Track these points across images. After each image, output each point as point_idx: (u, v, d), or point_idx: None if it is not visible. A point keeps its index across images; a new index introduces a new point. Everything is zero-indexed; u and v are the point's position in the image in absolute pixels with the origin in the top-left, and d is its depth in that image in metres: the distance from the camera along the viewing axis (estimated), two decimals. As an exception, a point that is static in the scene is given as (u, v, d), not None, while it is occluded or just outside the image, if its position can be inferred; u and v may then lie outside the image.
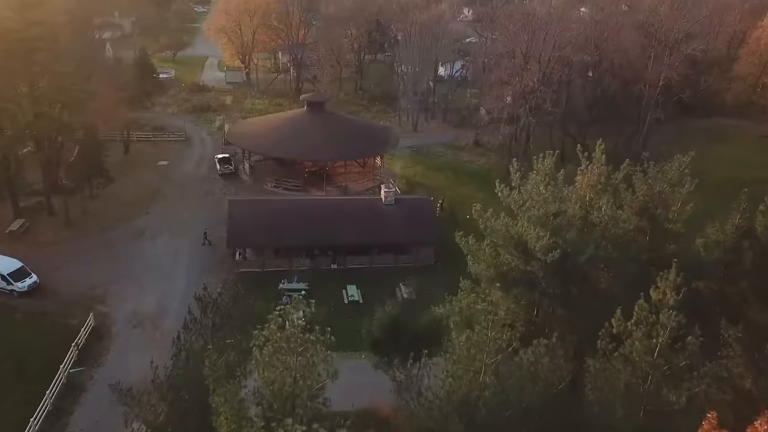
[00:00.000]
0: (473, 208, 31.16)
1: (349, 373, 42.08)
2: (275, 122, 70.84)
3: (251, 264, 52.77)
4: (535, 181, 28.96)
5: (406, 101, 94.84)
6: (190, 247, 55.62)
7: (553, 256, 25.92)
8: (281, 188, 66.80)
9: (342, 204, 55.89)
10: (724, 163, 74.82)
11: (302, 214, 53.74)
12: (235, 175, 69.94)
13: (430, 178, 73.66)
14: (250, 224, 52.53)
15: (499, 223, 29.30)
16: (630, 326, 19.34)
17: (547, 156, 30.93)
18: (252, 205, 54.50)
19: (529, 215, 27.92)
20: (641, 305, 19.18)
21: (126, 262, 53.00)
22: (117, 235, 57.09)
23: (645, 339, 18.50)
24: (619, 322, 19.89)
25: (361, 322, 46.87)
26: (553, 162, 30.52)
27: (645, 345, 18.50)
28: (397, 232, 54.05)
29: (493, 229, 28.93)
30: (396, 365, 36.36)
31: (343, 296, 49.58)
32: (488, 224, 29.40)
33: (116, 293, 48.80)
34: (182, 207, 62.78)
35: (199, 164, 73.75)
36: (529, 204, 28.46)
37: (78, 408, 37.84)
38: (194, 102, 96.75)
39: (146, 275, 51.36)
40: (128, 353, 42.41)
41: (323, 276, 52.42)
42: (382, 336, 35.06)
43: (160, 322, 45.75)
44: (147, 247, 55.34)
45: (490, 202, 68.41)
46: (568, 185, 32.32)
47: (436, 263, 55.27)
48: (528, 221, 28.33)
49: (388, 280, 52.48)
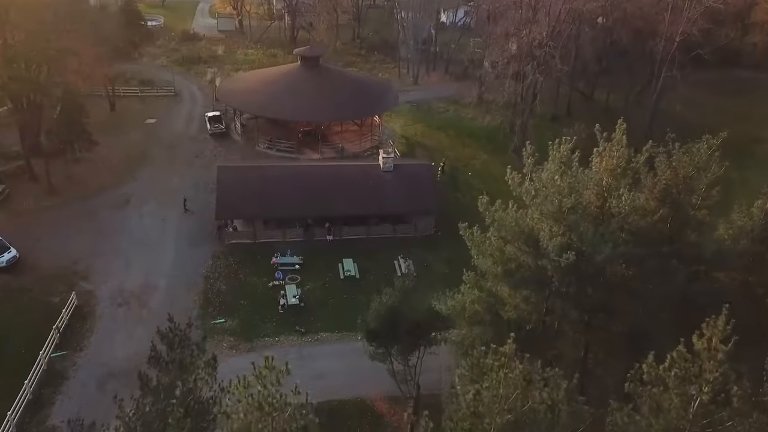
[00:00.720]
0: (479, 200, 28.23)
1: (343, 357, 40.44)
2: (267, 79, 66.91)
3: (242, 235, 50.15)
4: (550, 171, 25.99)
5: (406, 51, 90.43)
6: (178, 217, 52.89)
7: (567, 258, 23.27)
8: (274, 149, 63.58)
9: (338, 171, 52.83)
10: (742, 121, 71.30)
11: (296, 182, 50.79)
12: (226, 135, 66.58)
13: (431, 137, 70.27)
14: (240, 194, 49.63)
15: (508, 216, 26.47)
16: (663, 372, 16.89)
17: (563, 142, 27.85)
18: (242, 173, 51.47)
19: (542, 209, 25.11)
20: (680, 353, 16.65)
21: (111, 233, 50.38)
22: (102, 203, 54.26)
23: (682, 393, 16.04)
24: (651, 367, 17.40)
25: (357, 299, 44.74)
26: (569, 148, 27.46)
27: (682, 398, 16.05)
28: (395, 202, 51.23)
29: (501, 223, 26.13)
30: (394, 355, 34.39)
31: (339, 271, 47.17)
32: (495, 217, 26.55)
33: (100, 268, 46.37)
34: (170, 171, 59.71)
35: (188, 122, 70.21)
36: (542, 196, 25.58)
37: (60, 397, 35.89)
38: (184, 52, 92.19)
39: (132, 248, 48.82)
40: (113, 335, 40.36)
41: (318, 248, 49.92)
42: (378, 327, 32.80)
43: (146, 299, 43.52)
44: (133, 217, 52.60)
45: (492, 165, 66.30)
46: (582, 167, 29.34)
47: (437, 233, 52.71)
48: (540, 215, 25.54)
49: (386, 252, 50.03)
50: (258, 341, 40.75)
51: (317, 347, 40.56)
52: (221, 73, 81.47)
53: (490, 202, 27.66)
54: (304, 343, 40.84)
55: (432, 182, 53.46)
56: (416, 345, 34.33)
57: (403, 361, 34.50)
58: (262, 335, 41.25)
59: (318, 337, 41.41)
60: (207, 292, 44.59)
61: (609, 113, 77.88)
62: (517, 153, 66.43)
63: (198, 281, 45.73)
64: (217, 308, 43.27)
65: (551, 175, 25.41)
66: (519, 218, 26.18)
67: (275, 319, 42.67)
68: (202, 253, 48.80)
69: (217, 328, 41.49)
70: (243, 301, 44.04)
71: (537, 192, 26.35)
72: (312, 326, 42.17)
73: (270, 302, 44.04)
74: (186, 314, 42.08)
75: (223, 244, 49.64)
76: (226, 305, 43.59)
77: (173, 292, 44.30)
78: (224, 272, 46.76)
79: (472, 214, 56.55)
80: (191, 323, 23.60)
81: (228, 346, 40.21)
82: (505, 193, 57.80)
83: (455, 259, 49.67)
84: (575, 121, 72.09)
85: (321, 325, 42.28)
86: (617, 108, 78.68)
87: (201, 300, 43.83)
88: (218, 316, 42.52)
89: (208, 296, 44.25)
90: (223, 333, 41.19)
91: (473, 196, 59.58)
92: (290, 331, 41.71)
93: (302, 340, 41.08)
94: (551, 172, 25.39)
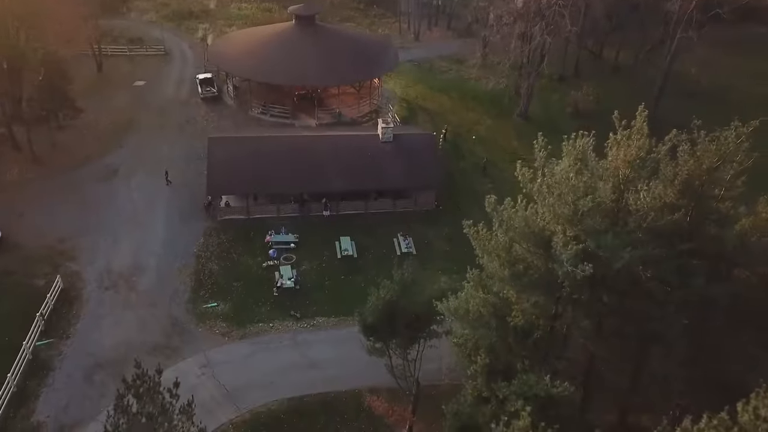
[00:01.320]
0: (487, 199, 25.92)
1: (339, 344, 38.77)
2: (260, 39, 63.42)
3: (235, 211, 47.99)
4: (564, 168, 23.65)
5: (406, 4, 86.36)
6: (169, 190, 50.62)
7: (584, 271, 21.20)
8: (268, 115, 60.77)
9: (334, 143, 50.18)
10: (762, 82, 68.34)
11: (290, 155, 48.29)
12: (218, 99, 63.62)
13: (433, 100, 67.23)
14: (232, 168, 47.22)
15: (517, 215, 24.25)
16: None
17: (579, 136, 25.40)
18: (234, 145, 48.86)
19: (555, 210, 22.91)
20: (722, 420, 14.62)
21: (98, 207, 48.24)
22: (88, 174, 51.92)
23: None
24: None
25: (355, 280, 43.00)
26: (586, 143, 25.06)
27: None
28: (395, 176, 48.82)
29: (509, 223, 23.92)
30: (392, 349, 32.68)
31: (336, 249, 45.21)
32: (504, 217, 24.33)
33: (87, 246, 44.40)
34: (160, 139, 57.11)
35: (179, 85, 67.07)
36: (556, 194, 23.32)
37: (45, 390, 34.42)
38: (174, 7, 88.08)
39: (120, 224, 46.77)
40: (100, 322, 38.70)
41: (314, 225, 47.83)
42: (376, 321, 31.00)
43: (135, 282, 41.73)
44: (121, 190, 50.32)
45: (497, 131, 63.50)
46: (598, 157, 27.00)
47: (438, 207, 50.56)
48: (553, 215, 23.35)
49: (385, 228, 48.00)
50: (251, 327, 39.10)
51: (313, 333, 38.94)
52: (213, 30, 77.71)
53: (498, 201, 25.30)
54: (299, 329, 39.19)
55: (434, 154, 50.94)
56: (416, 338, 32.63)
57: (402, 355, 32.81)
58: (256, 320, 39.56)
59: (314, 323, 39.74)
60: (199, 273, 42.74)
61: (618, 73, 74.93)
62: (522, 117, 63.74)
63: (189, 261, 43.83)
64: (209, 291, 41.48)
65: (566, 173, 23.06)
66: (529, 218, 23.98)
67: (269, 302, 40.94)
68: (193, 229, 46.77)
69: (209, 313, 39.80)
70: (236, 282, 42.21)
71: (550, 189, 24.03)
72: (307, 311, 40.46)
73: (264, 284, 42.24)
74: (176, 298, 40.67)
75: (216, 221, 47.55)
76: (218, 287, 41.79)
77: (163, 273, 42.47)
78: (216, 251, 44.81)
79: (475, 185, 55.02)
80: (160, 369, 21.46)
81: (220, 333, 38.59)
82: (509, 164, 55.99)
83: (457, 235, 47.58)
84: (583, 81, 69.17)
85: (317, 310, 40.57)
86: (627, 67, 75.54)
87: (192, 282, 42.01)
88: (210, 300, 40.79)
89: (200, 277, 42.42)
90: (215, 318, 39.50)
91: (477, 166, 57.45)
92: (285, 315, 40.03)
93: (297, 326, 39.41)
94: (565, 169, 23.02)
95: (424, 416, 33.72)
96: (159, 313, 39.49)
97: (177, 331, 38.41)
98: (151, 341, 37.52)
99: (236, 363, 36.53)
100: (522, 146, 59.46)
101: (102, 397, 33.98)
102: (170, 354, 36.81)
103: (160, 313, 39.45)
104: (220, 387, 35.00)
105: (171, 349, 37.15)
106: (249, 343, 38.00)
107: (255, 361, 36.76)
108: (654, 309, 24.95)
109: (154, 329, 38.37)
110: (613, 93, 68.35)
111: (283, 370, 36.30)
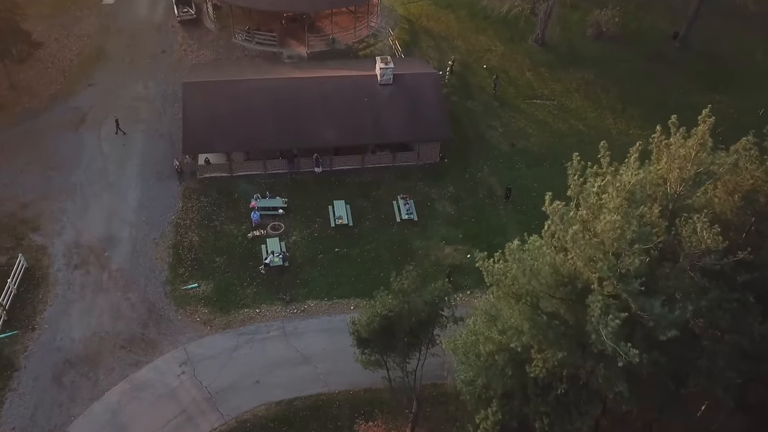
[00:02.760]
0: (507, 246, 21.02)
1: (333, 335, 35.04)
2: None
3: (216, 168, 43.05)
4: (608, 209, 18.67)
5: None
6: (144, 140, 45.41)
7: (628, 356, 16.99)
8: (253, 42, 54.04)
9: (326, 86, 44.12)
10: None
11: (277, 103, 42.66)
12: (197, 23, 56.51)
13: (439, 20, 59.79)
14: (210, 120, 41.79)
15: (543, 258, 19.63)
16: None
17: (631, 153, 20.24)
18: (213, 91, 43.00)
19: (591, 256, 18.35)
20: None
21: (65, 163, 43.33)
22: (53, 121, 46.47)
23: None
24: None
25: (350, 254, 38.96)
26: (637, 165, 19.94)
27: None
28: (395, 127, 43.35)
29: (534, 271, 19.32)
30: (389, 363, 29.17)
31: (329, 215, 40.75)
32: (527, 263, 19.64)
33: (53, 213, 40.01)
34: (133, 74, 50.96)
35: (153, 4, 59.47)
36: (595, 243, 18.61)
37: (10, 395, 31.29)
38: None
39: (90, 184, 42.08)
40: (69, 309, 35.06)
41: (305, 185, 43.04)
42: (372, 337, 27.29)
43: (107, 259, 37.67)
44: (90, 141, 45.06)
45: (511, 60, 56.59)
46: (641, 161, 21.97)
47: (443, 159, 45.45)
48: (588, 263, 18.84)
49: (383, 188, 43.31)
50: (236, 313, 35.49)
51: (303, 321, 35.34)
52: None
53: (518, 248, 20.42)
54: (289, 316, 35.56)
55: (439, 99, 45.07)
56: (416, 345, 29.05)
57: (401, 365, 29.33)
58: (241, 305, 35.89)
59: (305, 307, 36.04)
60: (177, 246, 38.61)
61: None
62: (539, 43, 56.88)
63: (167, 230, 39.57)
64: (189, 269, 37.53)
65: (611, 224, 18.08)
66: (559, 264, 19.40)
67: (256, 281, 37.08)
68: (170, 190, 42.12)
69: (189, 297, 36.08)
70: (219, 257, 38.16)
71: (585, 227, 19.28)
72: (298, 292, 36.67)
73: (249, 259, 38.22)
74: (153, 278, 36.86)
75: (195, 180, 42.77)
76: (199, 264, 37.80)
77: (138, 248, 38.37)
78: (197, 218, 40.40)
79: (485, 131, 49.41)
80: None
81: (201, 321, 35.04)
82: (523, 101, 50.06)
83: (462, 194, 43.24)
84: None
85: (308, 291, 36.74)
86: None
87: (171, 257, 37.97)
88: (190, 280, 36.94)
89: (179, 251, 38.33)
90: (196, 303, 35.82)
91: (487, 105, 51.58)
92: (273, 298, 36.32)
93: (286, 311, 35.77)
94: (611, 221, 18.06)
95: (425, 423, 30.88)
96: (134, 297, 35.77)
97: (154, 319, 34.84)
98: (126, 332, 34.07)
99: (219, 359, 33.24)
100: (537, 79, 53.41)
101: (72, 402, 31.07)
102: (146, 348, 33.51)
103: (135, 297, 35.74)
104: (202, 389, 31.91)
105: (147, 342, 33.77)
106: (233, 333, 34.53)
107: (240, 356, 33.44)
108: (699, 362, 21.02)
109: (128, 317, 34.81)
110: (643, 12, 60.99)
111: (270, 367, 33.07)
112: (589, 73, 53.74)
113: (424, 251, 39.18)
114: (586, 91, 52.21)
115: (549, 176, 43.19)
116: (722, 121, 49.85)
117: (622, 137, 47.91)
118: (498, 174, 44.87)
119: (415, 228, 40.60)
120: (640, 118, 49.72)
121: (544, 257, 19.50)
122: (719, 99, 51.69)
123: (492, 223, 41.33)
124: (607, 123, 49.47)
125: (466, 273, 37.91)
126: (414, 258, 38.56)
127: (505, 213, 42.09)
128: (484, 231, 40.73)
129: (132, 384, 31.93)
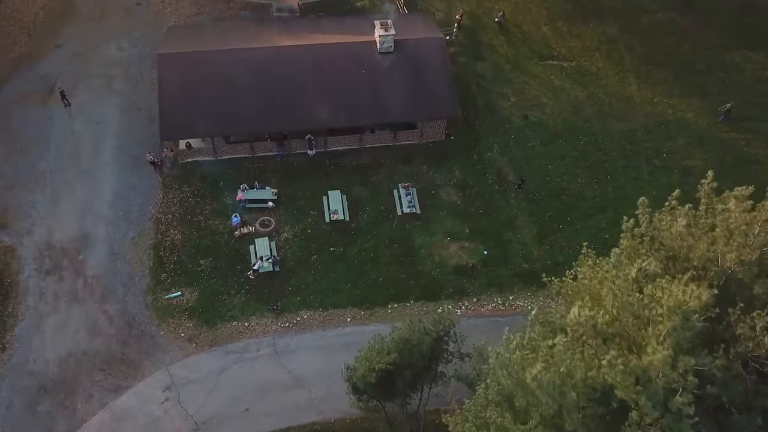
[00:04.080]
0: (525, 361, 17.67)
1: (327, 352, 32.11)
2: None
3: (199, 152, 39.10)
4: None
5: None
6: (119, 116, 41.12)
7: None
8: (240, -8, 48.39)
9: (319, 56, 39.26)
10: None
11: (264, 78, 38.07)
12: (175, -33, 50.47)
13: (445, -38, 53.39)
14: (190, 99, 37.44)
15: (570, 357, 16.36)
16: None
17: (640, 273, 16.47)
18: (193, 64, 38.30)
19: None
20: None
21: (32, 146, 39.33)
22: (18, 93, 41.95)
23: None
24: None
25: (347, 254, 35.80)
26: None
27: None
28: (397, 103, 38.86)
29: (561, 390, 16.14)
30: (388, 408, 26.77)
31: (324, 208, 37.20)
32: (546, 380, 16.40)
33: (21, 208, 36.57)
34: (105, 32, 45.77)
35: (125, -57, 53.05)
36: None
37: (-19, 427, 29.34)
38: None
39: (60, 171, 38.32)
40: (42, 323, 32.43)
41: (296, 169, 39.18)
42: (369, 388, 24.70)
43: (82, 263, 34.57)
44: (60, 118, 40.75)
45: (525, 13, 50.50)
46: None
47: (449, 136, 41.29)
48: (625, 375, 15.73)
49: (383, 172, 39.53)
50: (223, 327, 32.83)
51: (296, 337, 32.69)
52: None
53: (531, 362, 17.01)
54: (280, 330, 32.88)
55: (445, 67, 40.26)
56: (418, 385, 26.56)
57: (401, 406, 26.95)
58: (228, 317, 33.17)
59: (297, 320, 33.31)
60: (158, 247, 35.41)
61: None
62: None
63: (146, 227, 36.26)
64: (172, 274, 34.52)
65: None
66: (590, 377, 16.23)
67: (244, 288, 34.18)
68: (149, 178, 38.41)
69: (172, 308, 33.31)
70: (203, 260, 35.05)
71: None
72: (290, 302, 33.82)
73: (237, 261, 35.14)
74: (132, 286, 33.96)
75: (177, 165, 38.93)
76: (182, 268, 34.75)
77: (116, 249, 35.22)
78: (179, 212, 36.95)
79: (497, 100, 44.65)
80: None
81: (186, 337, 32.44)
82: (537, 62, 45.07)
83: (470, 179, 39.50)
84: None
85: (301, 300, 33.87)
86: None
87: (151, 260, 34.87)
88: (173, 288, 34.02)
89: (160, 253, 35.17)
90: (180, 314, 33.08)
91: (499, 68, 46.49)
92: (263, 308, 33.56)
93: (278, 325, 33.07)
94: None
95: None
96: (112, 309, 33.01)
97: (134, 335, 32.24)
98: (105, 352, 31.58)
99: (206, 383, 30.88)
100: (555, 34, 48.10)
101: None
102: (127, 371, 31.12)
103: (113, 310, 32.99)
104: (188, 419, 29.74)
105: (127, 364, 31.34)
106: (221, 352, 31.98)
107: (228, 378, 31.05)
108: None
109: (107, 333, 32.21)
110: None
111: (261, 392, 30.76)
112: (611, 27, 48.25)
113: (427, 250, 35.98)
114: (608, 50, 46.98)
115: (564, 155, 39.60)
116: (756, 85, 45.53)
117: (646, 106, 43.59)
118: (509, 153, 40.83)
119: (418, 222, 37.18)
120: (665, 84, 44.98)
121: (568, 361, 16.20)
122: (754, 58, 46.95)
123: (501, 215, 37.83)
124: (631, 89, 44.68)
125: (473, 277, 34.96)
126: (416, 259, 35.47)
127: (516, 202, 38.48)
128: (493, 224, 37.38)
129: (112, 413, 29.77)
